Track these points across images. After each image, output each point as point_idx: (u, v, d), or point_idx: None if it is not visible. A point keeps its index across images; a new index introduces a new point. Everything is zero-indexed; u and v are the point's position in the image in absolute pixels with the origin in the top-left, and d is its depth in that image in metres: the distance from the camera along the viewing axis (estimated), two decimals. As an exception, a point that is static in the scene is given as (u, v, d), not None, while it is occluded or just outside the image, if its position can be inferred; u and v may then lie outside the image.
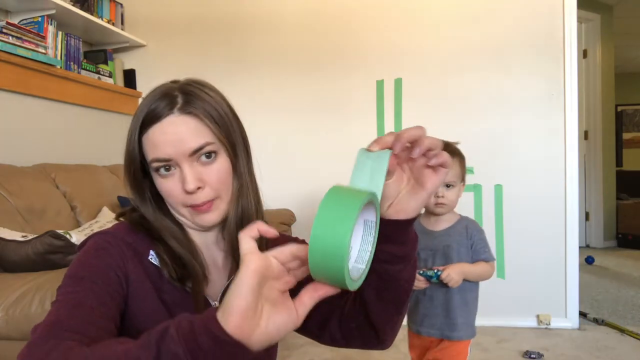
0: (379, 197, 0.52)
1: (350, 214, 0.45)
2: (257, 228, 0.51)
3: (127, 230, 0.73)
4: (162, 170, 0.71)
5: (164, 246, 0.73)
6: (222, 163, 0.73)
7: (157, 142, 0.70)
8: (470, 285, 1.40)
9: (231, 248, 0.77)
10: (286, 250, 0.52)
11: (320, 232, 0.45)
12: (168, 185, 0.72)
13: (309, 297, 0.51)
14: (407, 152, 0.58)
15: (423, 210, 1.40)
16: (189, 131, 0.70)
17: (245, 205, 0.76)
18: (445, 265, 1.35)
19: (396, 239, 0.61)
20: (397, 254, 0.62)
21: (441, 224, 1.42)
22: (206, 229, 0.77)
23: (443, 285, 1.34)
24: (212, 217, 0.73)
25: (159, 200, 0.76)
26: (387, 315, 0.68)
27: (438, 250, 1.38)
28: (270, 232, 0.52)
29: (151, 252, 0.72)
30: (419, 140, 0.57)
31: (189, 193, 0.70)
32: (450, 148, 1.32)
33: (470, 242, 1.39)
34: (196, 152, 0.70)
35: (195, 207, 0.72)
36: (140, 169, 0.74)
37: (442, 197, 1.34)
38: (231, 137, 0.74)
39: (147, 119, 0.71)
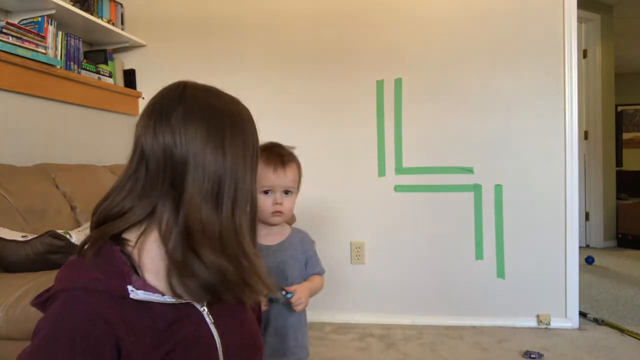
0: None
1: None
2: None
3: (92, 268, 0.66)
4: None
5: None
6: None
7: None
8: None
9: None
10: None
11: None
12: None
13: None
14: None
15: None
16: None
17: None
18: (285, 286, 1.19)
19: None
20: None
21: (275, 237, 1.26)
22: None
23: (284, 307, 1.20)
24: None
25: None
26: None
27: (272, 267, 1.22)
28: None
29: (129, 287, 0.66)
30: None
31: None
32: (284, 151, 1.25)
33: (306, 257, 1.27)
34: None
35: None
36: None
37: (281, 204, 1.21)
38: None
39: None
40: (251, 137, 0.76)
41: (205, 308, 0.75)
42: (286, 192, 1.23)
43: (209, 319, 0.75)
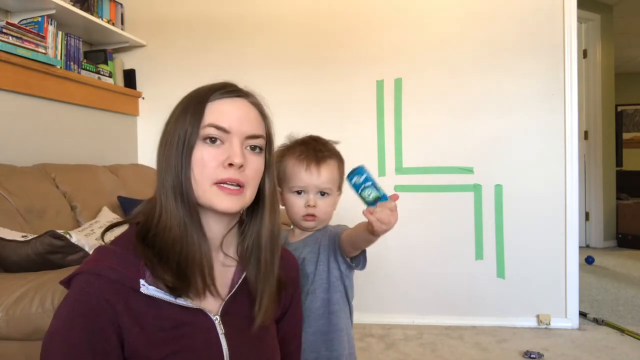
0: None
1: None
2: None
3: (113, 256, 0.70)
4: (209, 141, 0.72)
5: (165, 262, 0.70)
6: (261, 160, 0.78)
7: (225, 111, 0.74)
8: (345, 306, 1.09)
9: (264, 264, 0.79)
10: None
11: None
12: (210, 153, 0.72)
13: None
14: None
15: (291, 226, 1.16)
16: (255, 118, 0.78)
17: (275, 226, 0.81)
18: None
19: None
20: None
21: (303, 234, 1.12)
22: (219, 215, 0.76)
23: (317, 307, 1.04)
24: (234, 203, 0.73)
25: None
26: None
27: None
28: None
29: (141, 281, 0.68)
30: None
31: (230, 167, 0.72)
32: (321, 146, 1.11)
33: (326, 243, 1.07)
34: (252, 137, 0.76)
35: (224, 186, 0.72)
36: (193, 137, 0.72)
37: (314, 206, 1.05)
38: (272, 146, 0.82)
39: (222, 90, 0.76)
40: (177, 120, 0.74)
41: (218, 317, 0.75)
42: (322, 193, 1.07)
43: (220, 329, 0.74)
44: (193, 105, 0.74)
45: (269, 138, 0.80)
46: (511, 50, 2.48)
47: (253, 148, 0.76)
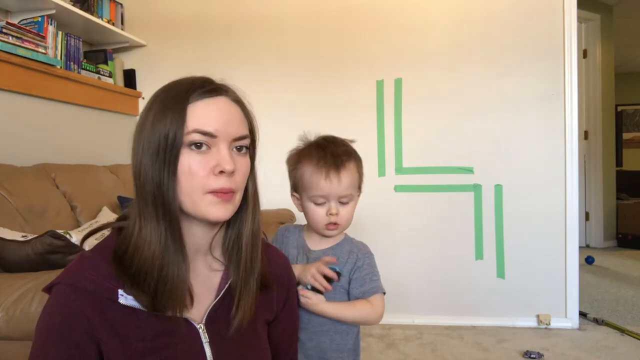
0: None
1: None
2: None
3: (92, 266, 0.67)
4: (195, 147, 0.67)
5: (143, 282, 0.66)
6: (248, 161, 0.75)
7: (209, 114, 0.69)
8: (355, 326, 1.07)
9: (243, 264, 0.75)
10: None
11: None
12: (198, 161, 0.67)
13: None
14: None
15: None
16: (240, 117, 0.73)
17: (255, 224, 0.77)
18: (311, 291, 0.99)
19: None
20: None
21: (323, 243, 1.08)
22: (210, 225, 0.73)
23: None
24: (227, 210, 0.70)
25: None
26: None
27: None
28: None
29: (119, 292, 0.66)
30: None
31: (221, 174, 0.68)
32: (339, 149, 1.06)
33: (354, 269, 1.05)
34: (238, 139, 0.71)
35: (218, 193, 0.68)
36: (176, 144, 0.66)
37: (336, 214, 1.02)
38: (255, 143, 0.77)
39: (201, 90, 0.70)
40: (154, 121, 0.68)
41: (202, 325, 0.72)
42: (343, 202, 1.03)
43: (204, 337, 0.72)
44: (172, 107, 0.68)
45: (252, 135, 0.76)
46: (511, 51, 2.48)
47: (239, 149, 0.73)
